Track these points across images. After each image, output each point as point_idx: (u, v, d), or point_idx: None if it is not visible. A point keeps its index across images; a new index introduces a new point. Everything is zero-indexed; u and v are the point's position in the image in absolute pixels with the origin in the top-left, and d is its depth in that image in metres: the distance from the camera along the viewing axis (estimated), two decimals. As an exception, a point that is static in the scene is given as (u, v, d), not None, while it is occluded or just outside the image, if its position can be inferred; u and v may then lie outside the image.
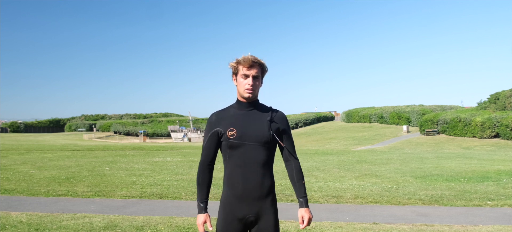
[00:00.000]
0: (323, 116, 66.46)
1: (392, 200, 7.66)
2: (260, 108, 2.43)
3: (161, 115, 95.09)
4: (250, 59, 2.33)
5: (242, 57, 2.36)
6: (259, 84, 2.40)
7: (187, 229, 5.38)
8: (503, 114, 31.08)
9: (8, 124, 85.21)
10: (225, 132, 2.35)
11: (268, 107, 2.47)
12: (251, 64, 2.33)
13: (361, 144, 34.38)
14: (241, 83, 2.36)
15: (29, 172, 12.46)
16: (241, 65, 2.35)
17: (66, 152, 23.26)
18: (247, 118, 2.38)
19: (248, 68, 2.34)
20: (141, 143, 45.67)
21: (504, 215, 6.36)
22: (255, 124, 2.36)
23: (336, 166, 14.86)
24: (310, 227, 5.51)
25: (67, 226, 5.49)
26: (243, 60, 2.35)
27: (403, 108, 46.72)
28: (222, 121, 2.38)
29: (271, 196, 2.39)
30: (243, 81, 2.36)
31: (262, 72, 2.41)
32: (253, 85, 2.35)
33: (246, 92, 2.35)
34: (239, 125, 2.35)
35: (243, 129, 2.33)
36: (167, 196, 8.08)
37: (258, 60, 2.36)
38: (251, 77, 2.34)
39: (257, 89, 2.39)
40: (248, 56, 2.35)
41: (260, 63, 2.36)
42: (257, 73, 2.36)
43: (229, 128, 2.34)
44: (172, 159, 18.08)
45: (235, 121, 2.36)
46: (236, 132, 2.32)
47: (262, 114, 2.41)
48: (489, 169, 13.11)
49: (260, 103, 2.46)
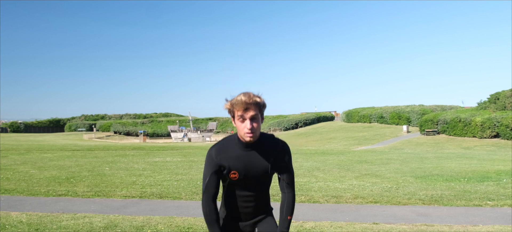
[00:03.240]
0: (323, 116, 66.51)
1: (392, 200, 7.65)
2: (262, 145, 2.28)
3: (161, 115, 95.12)
4: (243, 102, 2.11)
5: (235, 99, 2.15)
6: (259, 124, 2.20)
7: (187, 229, 5.37)
8: (503, 114, 31.07)
9: (8, 124, 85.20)
10: (227, 173, 2.28)
11: (269, 139, 2.33)
12: (246, 106, 2.12)
13: (361, 144, 34.37)
14: (240, 127, 2.18)
15: (29, 172, 12.46)
16: (235, 109, 2.16)
17: (66, 152, 23.26)
18: (249, 159, 2.27)
19: (243, 111, 2.13)
20: (141, 143, 45.67)
21: (504, 215, 6.36)
22: (257, 164, 2.27)
23: (336, 166, 14.86)
24: (310, 227, 5.51)
25: (67, 226, 5.49)
26: (236, 103, 2.14)
27: (403, 108, 46.73)
28: (223, 160, 2.27)
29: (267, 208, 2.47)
30: (241, 124, 2.17)
31: (260, 109, 2.19)
32: (252, 128, 2.16)
33: (246, 136, 2.18)
34: (241, 167, 2.26)
35: (245, 171, 2.27)
36: (167, 196, 8.08)
37: (253, 99, 2.13)
38: (248, 120, 2.15)
39: (258, 129, 2.20)
40: (241, 98, 2.13)
41: (255, 102, 2.14)
42: (255, 113, 2.15)
43: (231, 171, 2.26)
44: (172, 159, 18.07)
45: (237, 164, 2.26)
46: (238, 175, 2.27)
47: (265, 152, 2.28)
48: (489, 169, 13.10)
49: (261, 139, 2.29)
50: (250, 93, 2.16)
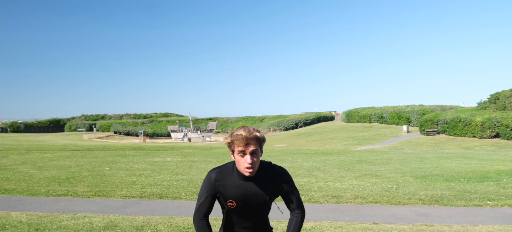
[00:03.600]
0: (323, 116, 66.49)
1: (392, 200, 7.66)
2: (260, 176, 2.29)
3: (161, 115, 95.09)
4: (244, 137, 2.14)
5: (235, 135, 2.18)
6: (258, 158, 2.23)
7: (187, 229, 5.38)
8: (503, 114, 31.07)
9: (8, 124, 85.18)
10: (224, 200, 2.29)
11: (267, 168, 2.33)
12: (247, 142, 2.15)
13: (361, 144, 34.37)
14: (240, 161, 2.20)
15: (29, 172, 12.46)
16: (236, 144, 2.18)
17: (66, 152, 23.26)
18: (247, 189, 2.27)
19: (244, 146, 2.16)
20: (141, 143, 45.67)
21: (504, 215, 6.36)
22: (255, 195, 2.27)
23: (336, 166, 14.86)
24: (310, 227, 5.51)
25: (67, 226, 5.49)
26: (236, 138, 2.16)
27: (403, 108, 46.73)
28: (221, 187, 2.28)
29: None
30: (241, 159, 2.19)
31: (260, 144, 2.22)
32: (252, 163, 2.18)
33: (246, 171, 2.20)
34: (239, 197, 2.27)
35: (243, 201, 2.27)
36: (167, 196, 8.08)
37: (253, 134, 2.17)
38: (248, 154, 2.17)
39: (257, 164, 2.22)
40: (241, 134, 2.16)
41: (256, 137, 2.18)
42: (255, 148, 2.18)
43: (228, 200, 2.27)
44: (172, 159, 18.07)
45: (235, 193, 2.26)
46: (235, 204, 2.28)
47: (264, 183, 2.29)
48: (489, 169, 13.10)
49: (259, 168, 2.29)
50: (249, 127, 2.21)
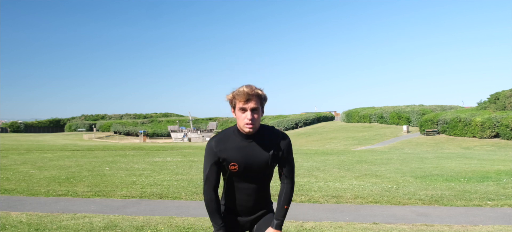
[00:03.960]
0: (323, 116, 66.46)
1: (392, 200, 7.66)
2: (262, 137, 2.29)
3: (161, 115, 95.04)
4: (245, 93, 2.17)
5: (237, 90, 2.21)
6: (259, 116, 2.24)
7: (187, 229, 5.37)
8: (503, 114, 31.07)
9: (8, 124, 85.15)
10: (226, 165, 2.28)
11: (270, 131, 2.34)
12: (248, 97, 2.17)
13: (361, 144, 34.37)
14: (240, 118, 2.21)
15: (29, 172, 12.46)
16: (237, 99, 2.20)
17: (66, 152, 23.26)
18: (249, 151, 2.27)
19: (245, 102, 2.18)
20: (141, 143, 45.66)
21: (504, 215, 6.36)
22: (257, 156, 2.27)
23: (336, 166, 14.86)
24: (310, 227, 5.51)
25: (67, 226, 5.49)
26: (238, 94, 2.19)
27: (403, 108, 46.71)
28: (222, 152, 2.27)
29: (268, 205, 2.49)
30: (242, 115, 2.21)
31: (261, 102, 2.24)
32: (252, 119, 2.20)
33: (246, 127, 2.21)
34: (241, 159, 2.26)
35: (245, 163, 2.27)
36: (167, 196, 8.08)
37: (255, 90, 2.20)
38: (249, 110, 2.19)
39: (258, 121, 2.24)
40: (243, 89, 2.19)
41: (257, 94, 2.20)
42: (256, 105, 2.19)
43: (231, 163, 2.26)
44: (172, 159, 18.07)
45: (237, 155, 2.26)
46: (238, 167, 2.27)
47: (265, 144, 2.28)
48: (489, 169, 13.10)
49: (261, 130, 2.31)
50: (252, 85, 2.23)
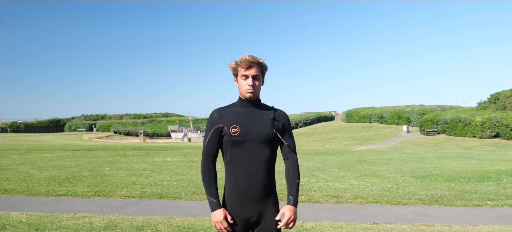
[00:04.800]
0: (323, 116, 66.45)
1: (392, 200, 7.65)
2: (263, 107, 2.44)
3: (161, 115, 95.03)
4: (248, 60, 2.34)
5: (240, 58, 2.37)
6: (260, 84, 2.40)
7: (187, 229, 5.37)
8: (503, 114, 31.06)
9: (8, 124, 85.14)
10: (227, 130, 2.33)
11: (270, 106, 2.48)
12: (249, 64, 2.33)
13: (361, 144, 34.36)
14: (242, 84, 2.37)
15: (29, 172, 12.46)
16: (240, 66, 2.35)
17: (66, 152, 23.26)
18: (250, 116, 2.37)
19: (247, 68, 2.34)
20: (141, 143, 45.66)
21: (504, 215, 6.36)
22: (258, 122, 2.36)
23: (336, 166, 14.86)
24: (310, 227, 5.51)
25: (67, 226, 5.49)
26: (240, 61, 2.35)
27: (403, 108, 46.71)
28: (224, 118, 2.37)
29: (273, 196, 2.41)
30: (243, 82, 2.36)
31: (262, 71, 2.40)
32: (253, 85, 2.35)
33: (247, 92, 2.35)
34: (242, 122, 2.34)
35: (246, 127, 2.33)
36: (167, 196, 8.08)
37: (256, 59, 2.36)
38: (250, 77, 2.35)
39: (258, 88, 2.39)
40: (246, 56, 2.36)
41: (258, 62, 2.36)
42: (257, 73, 2.36)
43: (232, 125, 2.33)
44: (172, 159, 18.07)
45: (238, 119, 2.35)
46: (239, 130, 2.31)
47: (265, 112, 2.41)
48: (489, 169, 13.10)
49: (262, 103, 2.47)
50: (254, 55, 2.39)
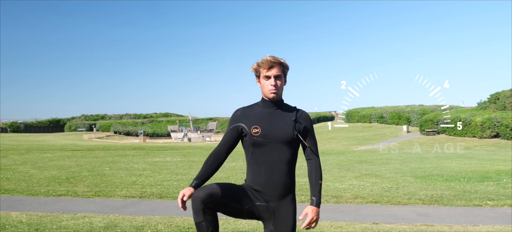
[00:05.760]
0: (323, 116, 66.44)
1: (392, 200, 7.66)
2: (285, 108, 2.46)
3: (161, 115, 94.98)
4: (269, 60, 2.37)
5: (261, 59, 2.41)
6: (282, 83, 2.43)
7: (187, 229, 5.37)
8: (503, 114, 31.07)
9: (8, 124, 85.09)
10: (249, 129, 2.35)
11: (292, 107, 2.51)
12: (271, 64, 2.37)
13: (361, 144, 34.36)
14: (265, 85, 2.40)
15: (29, 172, 12.46)
16: (262, 67, 2.39)
17: (66, 152, 23.26)
18: (272, 117, 2.39)
19: (268, 69, 2.37)
20: (141, 143, 45.66)
21: (504, 215, 6.36)
22: (279, 123, 2.38)
23: (336, 166, 14.86)
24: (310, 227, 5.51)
25: (67, 226, 5.49)
26: (262, 62, 2.39)
27: (403, 108, 46.72)
28: (246, 117, 2.39)
29: (291, 195, 2.45)
30: (266, 82, 2.40)
31: (284, 70, 2.44)
32: (276, 85, 2.38)
33: (270, 93, 2.38)
34: (263, 123, 2.36)
35: (268, 128, 2.35)
36: (167, 196, 8.08)
37: (278, 59, 2.39)
38: (273, 77, 2.38)
39: (281, 88, 2.43)
40: (267, 57, 2.40)
41: (280, 62, 2.40)
42: (279, 73, 2.39)
43: (253, 126, 2.35)
44: (172, 159, 18.07)
45: (260, 119, 2.37)
46: (260, 130, 2.34)
47: (287, 113, 2.43)
48: (489, 169, 13.10)
49: (284, 103, 2.50)
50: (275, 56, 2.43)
